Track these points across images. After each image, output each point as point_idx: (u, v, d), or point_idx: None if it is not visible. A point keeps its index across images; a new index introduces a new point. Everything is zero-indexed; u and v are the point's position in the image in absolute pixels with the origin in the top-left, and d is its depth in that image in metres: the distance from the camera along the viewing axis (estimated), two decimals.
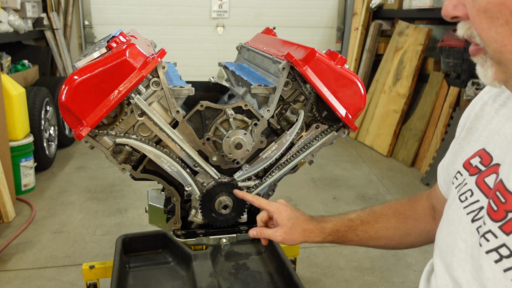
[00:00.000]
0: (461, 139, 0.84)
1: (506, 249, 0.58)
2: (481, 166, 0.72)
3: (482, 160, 0.72)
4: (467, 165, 0.76)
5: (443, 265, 0.73)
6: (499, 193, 0.62)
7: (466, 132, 0.82)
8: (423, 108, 3.89)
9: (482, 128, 0.78)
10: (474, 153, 0.76)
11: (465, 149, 0.81)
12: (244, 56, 1.57)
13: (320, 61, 1.07)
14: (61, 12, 4.63)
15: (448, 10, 0.60)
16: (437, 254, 0.78)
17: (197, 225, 1.26)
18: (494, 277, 0.59)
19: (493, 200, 0.63)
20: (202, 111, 1.12)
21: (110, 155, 1.09)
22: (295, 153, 1.19)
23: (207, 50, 5.10)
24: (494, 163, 0.69)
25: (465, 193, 0.72)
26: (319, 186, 3.40)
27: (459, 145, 0.84)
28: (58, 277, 2.18)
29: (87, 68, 0.98)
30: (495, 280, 0.59)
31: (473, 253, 0.65)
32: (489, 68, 0.60)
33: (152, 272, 1.73)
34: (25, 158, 3.06)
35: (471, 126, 0.81)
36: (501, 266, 0.58)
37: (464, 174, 0.76)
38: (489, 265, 0.60)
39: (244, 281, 1.68)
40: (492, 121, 0.76)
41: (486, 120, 0.78)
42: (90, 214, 2.85)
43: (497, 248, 0.59)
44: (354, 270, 2.31)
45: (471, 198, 0.70)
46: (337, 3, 5.28)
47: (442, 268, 0.74)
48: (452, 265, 0.69)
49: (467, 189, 0.72)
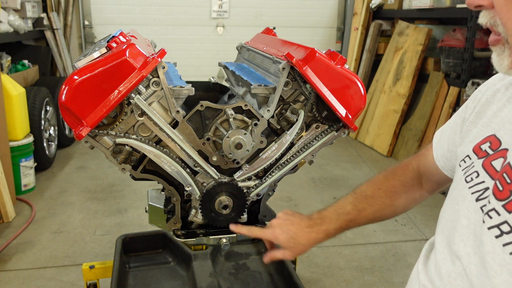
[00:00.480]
0: (470, 122, 0.84)
1: (507, 226, 0.62)
2: (489, 150, 0.74)
3: (492, 145, 0.74)
4: (477, 149, 0.77)
5: (444, 240, 0.76)
6: (506, 175, 0.66)
7: (475, 115, 0.83)
8: (423, 108, 3.89)
9: (492, 114, 0.79)
10: (484, 138, 0.77)
11: (472, 132, 0.82)
12: (244, 56, 1.57)
13: (320, 61, 1.07)
14: (61, 12, 4.63)
15: None
16: (439, 230, 0.81)
17: (197, 225, 1.26)
18: (493, 250, 0.62)
19: (499, 181, 0.67)
20: (202, 111, 1.12)
21: (110, 155, 1.09)
22: (295, 153, 1.19)
23: (207, 50, 5.10)
24: (503, 148, 0.71)
25: (471, 174, 0.75)
26: (319, 186, 3.40)
27: (467, 127, 0.85)
28: (58, 277, 2.18)
29: (87, 68, 0.98)
30: (494, 253, 0.62)
31: (476, 230, 0.68)
32: (506, 57, 0.62)
33: (152, 272, 1.73)
34: (25, 158, 3.06)
35: (481, 110, 0.82)
36: (501, 241, 0.62)
37: (473, 158, 0.77)
38: (490, 240, 0.63)
39: (244, 281, 1.68)
40: (504, 108, 0.77)
41: (496, 106, 0.79)
42: (90, 214, 2.85)
43: (499, 225, 0.63)
44: (354, 270, 2.31)
45: (477, 179, 0.73)
46: (337, 3, 5.28)
47: (443, 244, 0.76)
48: (454, 240, 0.72)
49: (474, 171, 0.75)
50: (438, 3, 3.72)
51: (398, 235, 2.65)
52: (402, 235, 2.66)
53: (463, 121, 0.88)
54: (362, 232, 2.68)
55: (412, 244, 2.57)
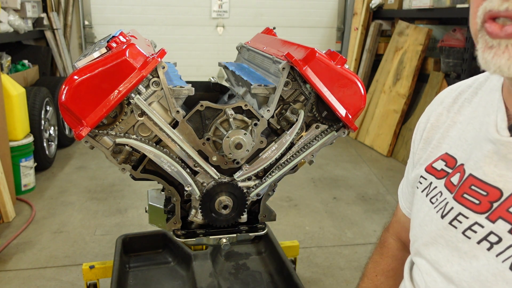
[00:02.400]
0: (419, 150, 0.86)
1: (494, 236, 0.62)
2: (447, 169, 0.75)
3: (448, 163, 0.76)
4: (430, 169, 0.79)
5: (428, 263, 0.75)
6: (476, 187, 0.66)
7: (423, 142, 0.85)
8: (423, 108, 3.88)
9: (440, 136, 0.81)
10: (436, 157, 0.79)
11: (423, 156, 0.84)
12: (244, 56, 1.57)
13: (320, 61, 1.07)
14: (61, 12, 4.63)
15: None
16: (416, 253, 0.80)
17: (197, 225, 1.26)
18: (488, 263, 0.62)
19: (469, 194, 0.67)
20: (202, 111, 1.12)
21: (110, 155, 1.09)
22: (295, 153, 1.19)
23: (207, 50, 5.10)
24: (459, 164, 0.73)
25: (435, 196, 0.76)
26: (319, 186, 3.40)
27: (418, 156, 0.86)
28: (58, 277, 2.18)
29: (87, 68, 0.98)
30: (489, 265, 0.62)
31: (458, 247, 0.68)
32: None
33: (152, 272, 1.73)
34: (25, 158, 3.06)
35: (428, 136, 0.84)
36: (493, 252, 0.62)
37: (429, 178, 0.79)
38: (483, 253, 0.63)
39: (244, 281, 1.68)
40: (450, 129, 0.79)
41: (443, 129, 0.81)
42: (90, 214, 2.86)
43: (486, 237, 0.63)
44: (354, 270, 2.31)
45: (440, 198, 0.74)
46: (337, 3, 5.28)
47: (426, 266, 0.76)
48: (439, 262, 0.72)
49: (438, 192, 0.75)
50: (438, 3, 3.72)
51: None
52: None
53: (413, 155, 0.89)
54: (362, 232, 2.68)
55: None
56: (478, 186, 0.66)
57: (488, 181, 0.65)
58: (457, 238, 0.68)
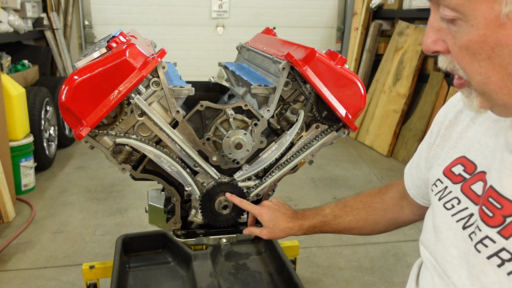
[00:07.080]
0: (436, 146, 0.86)
1: (506, 253, 0.60)
2: (465, 174, 0.74)
3: (466, 169, 0.74)
4: (448, 172, 0.78)
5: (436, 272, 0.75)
6: (493, 199, 0.64)
7: (440, 139, 0.85)
8: (423, 108, 3.89)
9: (457, 136, 0.80)
10: (454, 160, 0.78)
11: (441, 156, 0.83)
12: (244, 56, 1.57)
13: (320, 61, 1.07)
14: (61, 12, 4.63)
15: (428, 45, 0.62)
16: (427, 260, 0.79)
17: (197, 225, 1.26)
18: (498, 280, 0.60)
19: (486, 206, 0.65)
20: (202, 111, 1.12)
21: (110, 155, 1.09)
22: (295, 153, 1.19)
23: (207, 50, 5.10)
24: (479, 171, 0.71)
25: (450, 201, 0.74)
26: (319, 186, 3.40)
27: (434, 151, 0.86)
28: (58, 277, 2.18)
29: (87, 68, 0.98)
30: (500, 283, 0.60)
31: (468, 260, 0.66)
32: (474, 98, 0.62)
33: (152, 272, 1.73)
34: (25, 158, 3.06)
35: (446, 133, 0.84)
36: (505, 270, 0.60)
37: (445, 182, 0.78)
38: (493, 270, 0.61)
39: (244, 281, 1.68)
40: (469, 129, 0.78)
41: (461, 127, 0.80)
42: (90, 214, 2.85)
43: (497, 253, 0.61)
44: (354, 270, 2.31)
45: (459, 206, 0.72)
46: (337, 3, 5.28)
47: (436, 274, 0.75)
48: (447, 272, 0.71)
49: (453, 197, 0.74)
50: None
51: (398, 235, 2.65)
52: (402, 235, 2.66)
53: (429, 146, 0.89)
54: None
55: (412, 244, 2.57)
56: (494, 198, 0.64)
57: (505, 194, 0.63)
58: (469, 251, 0.66)
